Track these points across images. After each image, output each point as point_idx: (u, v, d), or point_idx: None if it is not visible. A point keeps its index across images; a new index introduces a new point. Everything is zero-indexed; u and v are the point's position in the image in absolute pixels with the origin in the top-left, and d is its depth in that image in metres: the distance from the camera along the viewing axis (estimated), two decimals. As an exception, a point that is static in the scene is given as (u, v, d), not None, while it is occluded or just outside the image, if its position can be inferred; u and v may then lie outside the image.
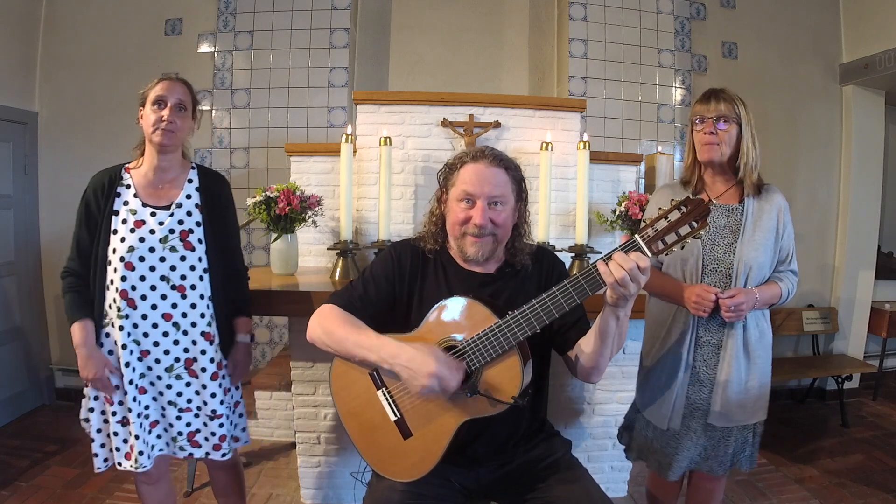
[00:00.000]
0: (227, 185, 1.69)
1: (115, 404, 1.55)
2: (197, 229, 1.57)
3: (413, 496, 1.27)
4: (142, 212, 1.53)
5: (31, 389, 3.22)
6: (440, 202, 1.45)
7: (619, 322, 1.18)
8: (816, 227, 3.57)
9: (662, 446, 1.65)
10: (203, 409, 1.60)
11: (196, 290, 1.56)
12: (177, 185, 1.59)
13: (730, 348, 1.55)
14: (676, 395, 1.61)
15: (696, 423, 1.61)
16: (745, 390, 1.57)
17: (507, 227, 1.38)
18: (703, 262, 1.57)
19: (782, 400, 3.53)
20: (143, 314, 1.52)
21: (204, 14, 3.20)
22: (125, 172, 1.57)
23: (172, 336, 1.55)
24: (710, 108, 1.56)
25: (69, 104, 3.23)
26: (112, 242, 1.51)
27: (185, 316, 1.56)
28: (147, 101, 1.53)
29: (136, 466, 1.54)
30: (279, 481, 2.44)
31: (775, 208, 1.60)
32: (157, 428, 1.59)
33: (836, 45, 3.53)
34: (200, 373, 1.58)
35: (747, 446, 1.62)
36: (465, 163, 1.37)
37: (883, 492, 2.42)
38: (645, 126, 3.34)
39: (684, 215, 1.07)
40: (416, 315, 1.37)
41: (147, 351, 1.54)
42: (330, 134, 3.17)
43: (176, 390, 1.57)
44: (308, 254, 2.46)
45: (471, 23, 3.48)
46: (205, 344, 1.58)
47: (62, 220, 3.25)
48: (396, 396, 1.31)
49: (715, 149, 1.55)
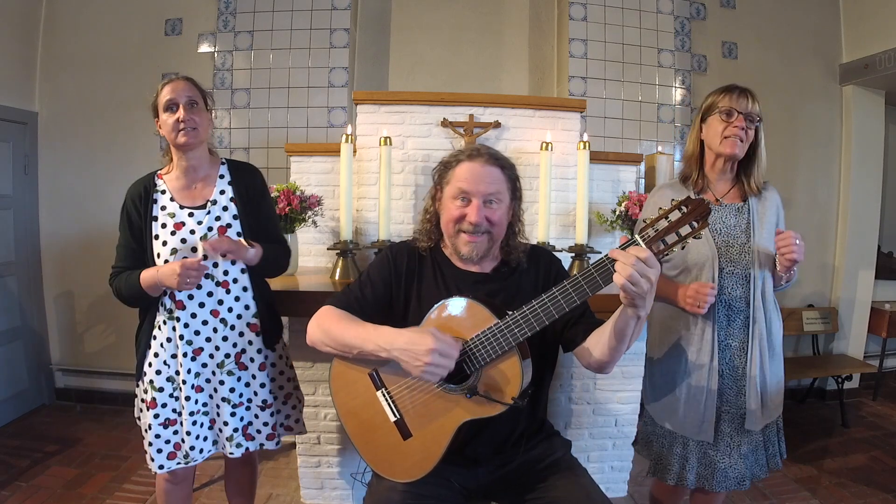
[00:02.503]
0: (258, 175, 1.71)
1: (159, 406, 1.56)
2: (234, 223, 1.60)
3: (413, 496, 1.27)
4: (180, 214, 1.56)
5: (31, 389, 3.22)
6: (434, 200, 1.45)
7: (638, 321, 1.15)
8: (816, 227, 3.57)
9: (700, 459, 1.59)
10: (254, 399, 1.63)
11: (238, 283, 1.60)
12: (209, 182, 1.61)
13: (756, 347, 1.52)
14: (705, 405, 1.54)
15: (728, 427, 1.56)
16: (772, 386, 1.55)
17: (501, 225, 1.38)
18: (720, 265, 1.53)
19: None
20: (192, 313, 1.55)
21: (204, 14, 3.20)
22: (158, 179, 1.61)
23: (221, 332, 1.58)
24: (744, 105, 1.52)
25: (69, 104, 3.23)
26: (156, 248, 1.54)
27: (231, 310, 1.59)
28: (159, 108, 1.55)
29: (188, 461, 1.56)
30: (279, 481, 2.44)
31: (774, 205, 1.59)
32: (212, 427, 1.62)
33: (836, 45, 3.53)
34: (249, 363, 1.61)
35: (770, 445, 1.61)
36: (461, 161, 1.38)
37: (883, 492, 2.42)
38: (645, 126, 3.34)
39: (685, 215, 1.07)
40: (413, 316, 1.37)
41: (200, 349, 1.57)
42: (330, 134, 3.17)
43: (228, 386, 1.59)
44: (308, 254, 2.46)
45: (471, 23, 3.48)
46: (251, 335, 1.61)
47: (62, 220, 3.26)
48: (396, 397, 1.31)
49: (739, 145, 1.53)
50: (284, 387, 1.73)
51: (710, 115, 1.58)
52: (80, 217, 3.23)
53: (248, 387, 1.62)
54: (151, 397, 1.56)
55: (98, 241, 3.15)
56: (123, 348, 3.13)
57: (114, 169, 3.14)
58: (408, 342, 1.21)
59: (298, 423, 1.77)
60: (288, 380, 1.74)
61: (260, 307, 1.64)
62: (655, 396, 1.67)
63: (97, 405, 3.25)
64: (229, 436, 1.61)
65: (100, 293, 3.18)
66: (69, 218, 3.24)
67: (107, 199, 3.12)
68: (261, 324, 1.64)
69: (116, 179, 3.05)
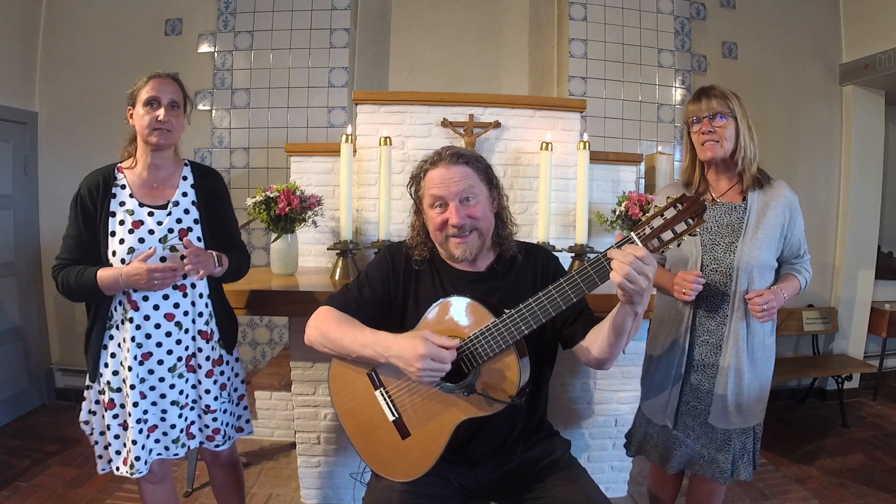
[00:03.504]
0: (220, 180, 1.68)
1: (118, 407, 1.54)
2: (195, 227, 1.57)
3: (412, 496, 1.27)
4: (139, 212, 1.51)
5: (31, 389, 3.22)
6: (417, 214, 1.46)
7: (636, 318, 1.16)
8: (816, 227, 3.56)
9: (663, 440, 1.67)
10: (198, 402, 1.61)
11: (196, 288, 1.57)
12: (172, 183, 1.58)
13: (729, 348, 1.55)
14: (671, 392, 1.62)
15: (693, 420, 1.61)
16: (745, 392, 1.56)
17: (486, 218, 1.37)
18: (703, 262, 1.56)
19: (782, 400, 3.53)
20: (145, 315, 1.51)
21: (204, 14, 3.21)
22: (118, 172, 1.55)
23: (175, 336, 1.55)
24: (703, 107, 1.55)
25: (69, 104, 3.23)
26: (111, 245, 1.48)
27: (187, 314, 1.56)
28: (137, 100, 1.51)
29: (133, 472, 1.53)
30: (279, 481, 2.44)
31: (783, 203, 1.57)
32: (155, 432, 1.58)
33: (836, 46, 3.53)
34: (197, 368, 1.59)
35: (745, 453, 1.61)
36: (427, 170, 1.38)
37: (883, 492, 2.42)
38: (645, 126, 3.34)
39: (680, 212, 1.07)
40: (411, 316, 1.37)
41: (149, 353, 1.52)
42: (330, 134, 3.17)
43: (178, 389, 1.57)
44: (308, 254, 2.46)
45: (471, 23, 3.48)
46: (202, 342, 1.59)
47: (62, 220, 3.18)
48: (394, 396, 1.31)
49: (715, 146, 1.54)
50: (238, 388, 1.73)
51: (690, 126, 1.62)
52: (80, 217, 3.22)
53: (194, 388, 1.60)
54: (109, 398, 1.53)
55: (98, 241, 3.14)
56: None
57: (114, 169, 3.14)
58: (401, 349, 1.21)
59: (248, 424, 1.77)
60: (241, 382, 1.74)
61: (218, 312, 1.62)
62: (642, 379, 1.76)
63: (97, 405, 3.25)
64: (175, 438, 1.58)
65: (100, 293, 3.18)
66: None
67: (107, 199, 3.11)
68: (219, 329, 1.62)
69: (116, 179, 3.06)
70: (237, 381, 1.73)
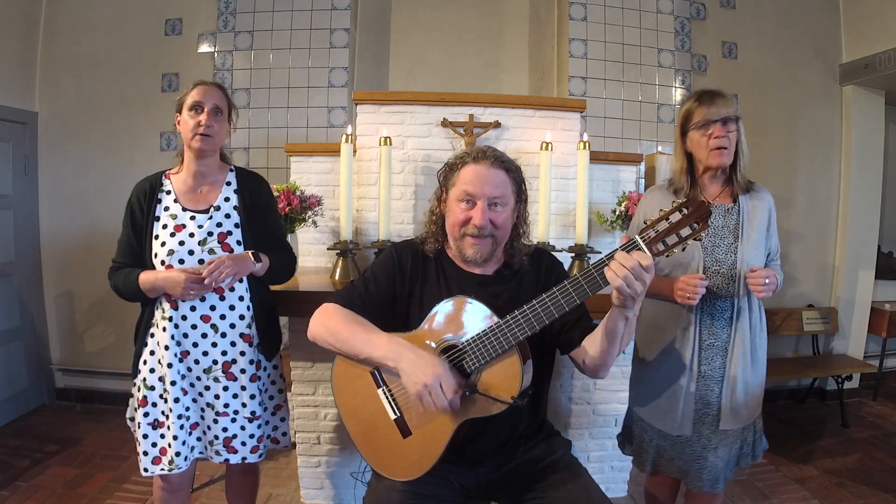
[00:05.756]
0: (264, 184, 1.71)
1: (149, 405, 1.56)
2: (235, 231, 1.59)
3: (412, 496, 1.27)
4: (182, 216, 1.56)
5: (31, 389, 3.22)
6: (440, 201, 1.45)
7: (627, 322, 1.18)
8: (816, 227, 3.57)
9: (679, 454, 1.61)
10: (241, 411, 1.60)
11: (235, 291, 1.58)
12: (215, 188, 1.62)
13: (737, 348, 1.54)
14: (684, 400, 1.57)
15: (706, 428, 1.58)
16: (750, 390, 1.56)
17: (506, 228, 1.38)
18: (705, 264, 1.55)
19: (782, 400, 3.53)
20: (182, 315, 1.54)
21: (204, 14, 3.21)
22: (165, 179, 1.62)
23: (211, 338, 1.56)
24: (716, 111, 1.50)
25: (69, 104, 3.23)
26: (154, 247, 1.55)
27: (224, 318, 1.57)
28: (184, 106, 1.56)
29: (171, 468, 1.54)
30: (279, 481, 2.44)
31: (766, 207, 1.59)
32: (196, 430, 1.60)
33: (837, 46, 3.53)
34: (240, 374, 1.59)
35: (745, 444, 1.61)
36: (467, 163, 1.37)
37: (883, 492, 2.42)
38: (645, 126, 3.34)
39: (685, 217, 1.08)
40: (415, 315, 1.37)
41: (187, 352, 1.56)
42: (330, 134, 3.17)
43: (213, 392, 1.58)
44: (308, 254, 2.46)
45: (471, 23, 3.48)
46: (244, 346, 1.59)
47: (62, 220, 3.26)
48: (397, 395, 1.31)
49: (726, 153, 1.51)
50: (275, 397, 1.73)
51: (689, 129, 1.57)
52: (79, 217, 3.23)
53: (235, 398, 1.59)
54: (143, 395, 1.56)
55: (98, 240, 3.15)
56: (123, 348, 3.13)
57: (113, 169, 3.14)
58: (411, 363, 1.21)
59: (285, 437, 1.76)
60: (279, 391, 1.74)
61: (259, 317, 1.62)
62: (639, 391, 1.70)
63: (97, 405, 3.25)
64: (211, 440, 1.60)
65: (100, 293, 3.18)
66: (69, 218, 3.24)
67: (107, 199, 3.12)
68: (258, 334, 1.62)
69: (116, 179, 3.06)
70: (274, 390, 1.72)
